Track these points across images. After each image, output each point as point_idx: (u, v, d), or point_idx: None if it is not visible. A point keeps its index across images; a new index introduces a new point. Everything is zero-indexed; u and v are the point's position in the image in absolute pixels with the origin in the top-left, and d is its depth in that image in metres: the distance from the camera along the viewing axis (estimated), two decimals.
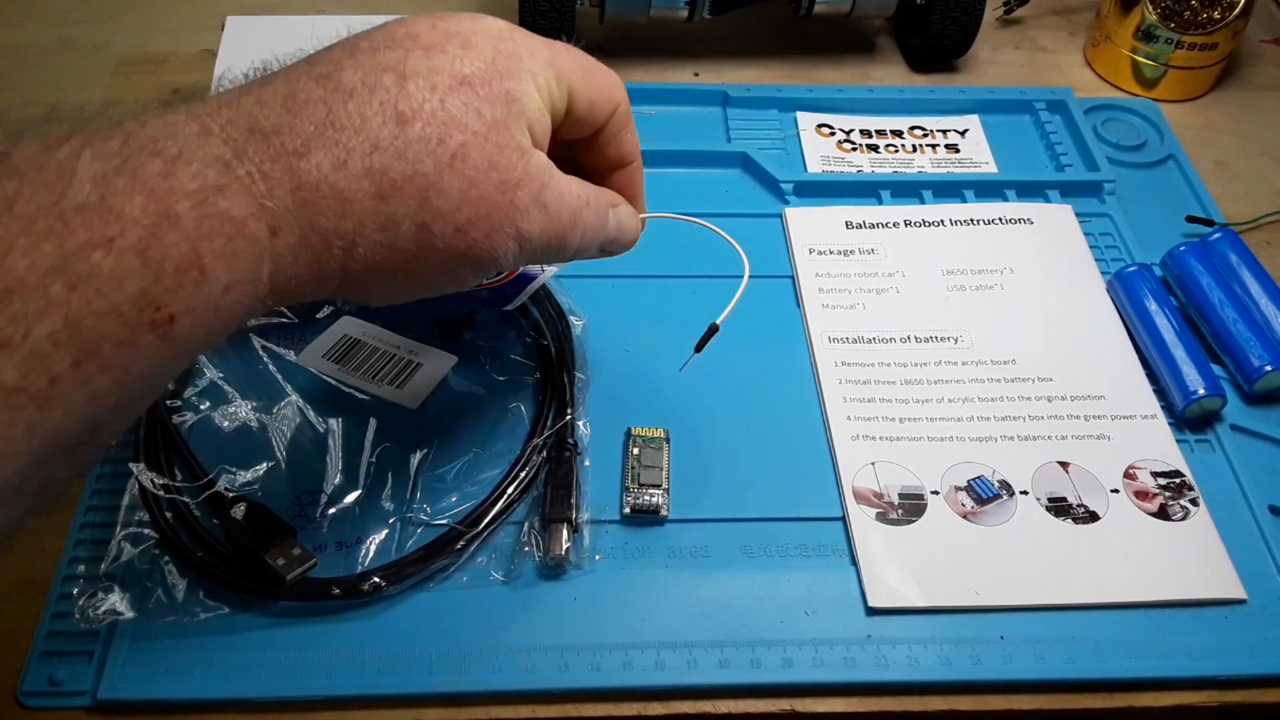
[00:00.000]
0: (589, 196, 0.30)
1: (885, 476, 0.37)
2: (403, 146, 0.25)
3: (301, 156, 0.24)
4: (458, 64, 0.26)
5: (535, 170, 0.27)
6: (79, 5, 0.58)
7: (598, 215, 0.30)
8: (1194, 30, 0.52)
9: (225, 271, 0.23)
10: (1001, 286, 0.44)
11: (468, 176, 0.26)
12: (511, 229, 0.27)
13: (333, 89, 0.25)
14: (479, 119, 0.26)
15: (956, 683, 0.33)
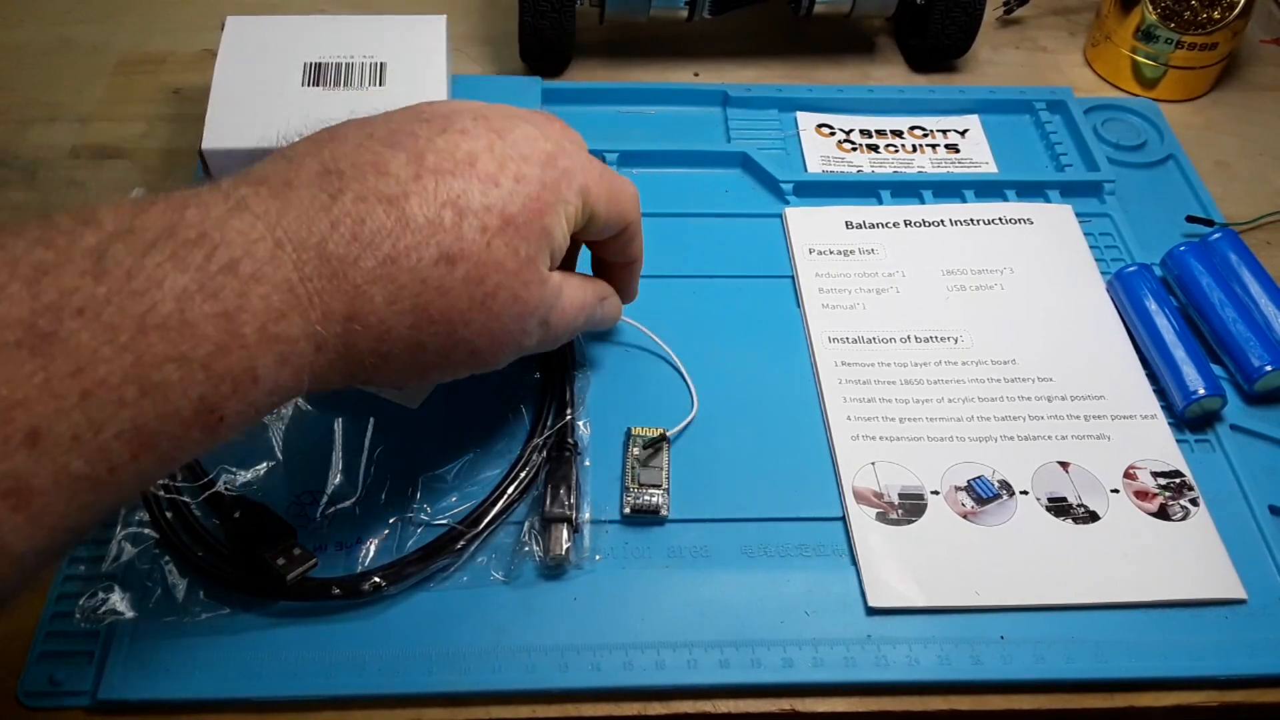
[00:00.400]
0: (586, 301, 0.34)
1: (885, 476, 0.37)
2: (448, 286, 0.28)
3: (361, 291, 0.27)
4: (508, 200, 0.29)
5: (548, 297, 0.31)
6: (79, 5, 0.58)
7: (589, 314, 0.35)
8: (1194, 30, 0.52)
9: (273, 380, 0.26)
10: (1001, 286, 0.44)
11: (494, 312, 0.29)
12: (515, 347, 0.31)
13: (399, 221, 0.27)
14: (515, 258, 0.29)
15: (956, 683, 0.33)
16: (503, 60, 0.55)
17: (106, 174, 0.48)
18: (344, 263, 0.26)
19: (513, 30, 0.52)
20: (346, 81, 0.45)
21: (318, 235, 0.26)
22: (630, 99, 0.52)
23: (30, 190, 0.47)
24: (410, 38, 0.47)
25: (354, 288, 0.26)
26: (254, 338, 0.25)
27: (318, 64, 0.46)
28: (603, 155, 0.49)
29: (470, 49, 0.56)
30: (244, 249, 0.25)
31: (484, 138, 0.29)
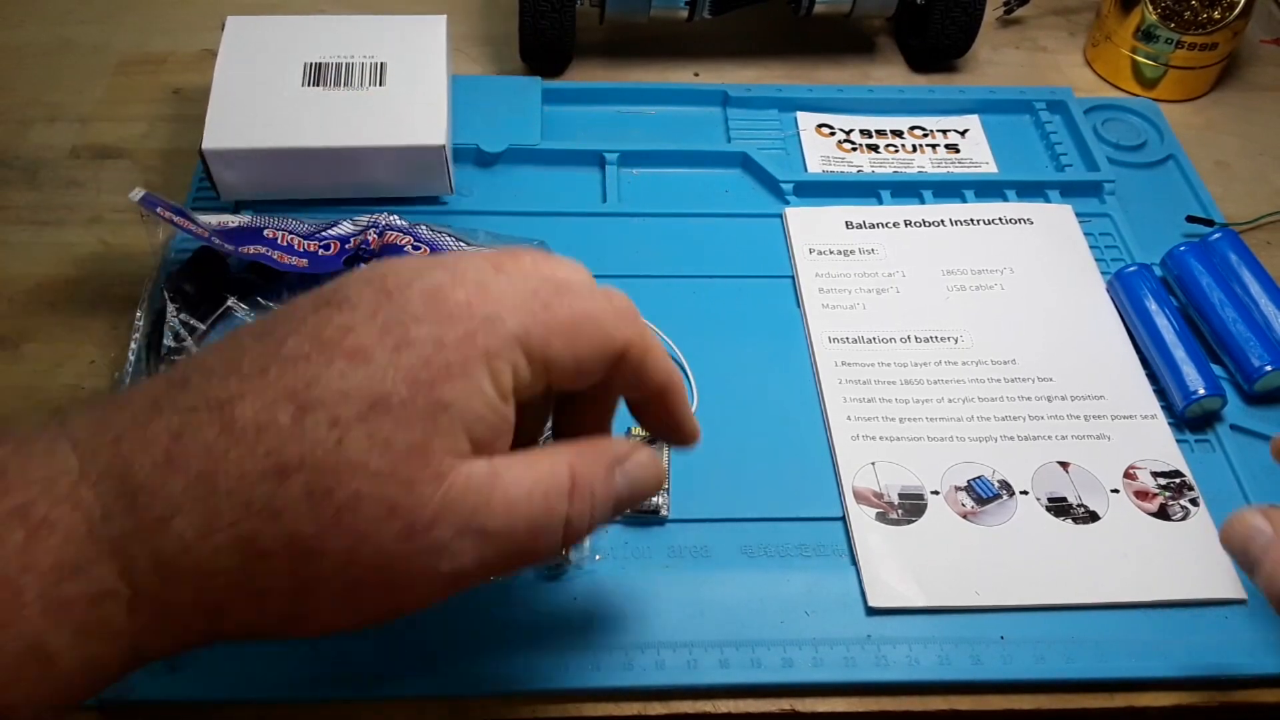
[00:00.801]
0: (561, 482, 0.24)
1: (885, 476, 0.37)
2: (280, 505, 0.21)
3: (165, 525, 0.21)
4: (378, 378, 0.22)
5: (462, 494, 0.22)
6: (79, 5, 0.58)
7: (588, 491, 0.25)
8: (1194, 30, 0.52)
9: (76, 657, 0.21)
10: (1001, 286, 0.44)
11: (357, 531, 0.21)
12: (427, 575, 0.22)
13: (223, 429, 0.21)
14: (384, 454, 0.22)
15: (956, 683, 0.33)
16: (503, 60, 0.55)
17: (107, 174, 0.48)
18: (148, 493, 0.21)
19: (513, 30, 0.52)
20: (347, 81, 0.45)
21: (125, 456, 0.21)
22: (630, 99, 0.52)
23: (31, 190, 0.47)
24: (410, 38, 0.47)
25: (156, 520, 0.21)
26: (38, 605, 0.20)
27: (318, 64, 0.46)
28: (603, 155, 0.49)
29: (470, 49, 0.56)
30: (43, 486, 0.21)
31: (368, 303, 0.23)
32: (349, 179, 0.45)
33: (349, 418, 0.22)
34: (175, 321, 0.39)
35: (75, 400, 0.39)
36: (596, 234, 0.46)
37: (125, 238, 0.45)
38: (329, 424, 0.21)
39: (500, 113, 0.50)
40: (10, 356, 0.41)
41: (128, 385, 0.24)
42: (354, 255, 0.41)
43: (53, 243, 0.45)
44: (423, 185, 0.46)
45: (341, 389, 0.22)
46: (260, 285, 0.42)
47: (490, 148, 0.48)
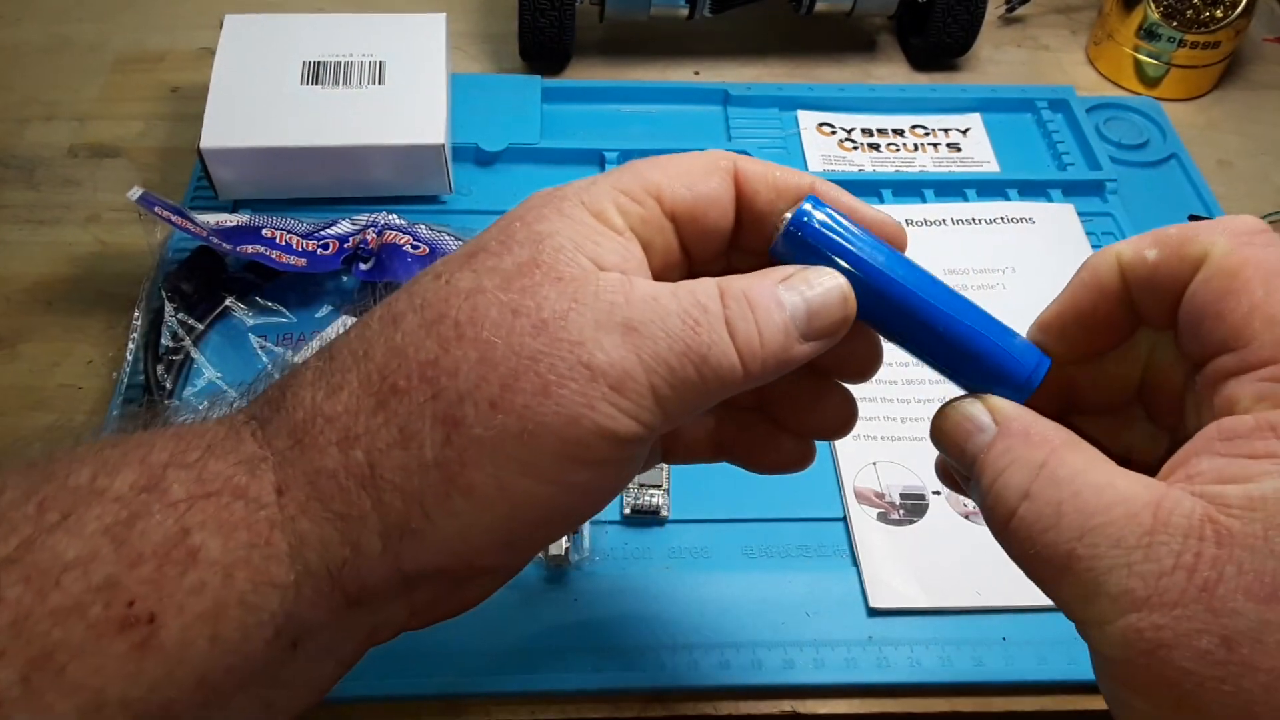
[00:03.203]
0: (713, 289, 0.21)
1: (886, 476, 0.37)
2: (399, 343, 0.21)
3: (294, 394, 0.21)
4: (473, 243, 0.22)
5: (594, 293, 0.21)
6: (77, 4, 0.58)
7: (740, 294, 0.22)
8: (1196, 29, 0.52)
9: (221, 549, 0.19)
10: (1004, 286, 0.44)
11: (483, 339, 0.20)
12: (577, 369, 0.20)
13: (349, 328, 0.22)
14: (492, 275, 0.21)
15: (958, 684, 0.33)
16: (502, 59, 0.55)
17: (104, 173, 0.48)
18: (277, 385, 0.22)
19: (513, 29, 0.52)
20: (345, 80, 0.45)
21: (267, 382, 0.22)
22: (630, 98, 0.52)
23: (28, 189, 0.47)
24: (409, 36, 0.47)
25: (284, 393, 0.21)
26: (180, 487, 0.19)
27: (316, 62, 0.45)
28: (603, 155, 0.49)
29: (470, 47, 0.56)
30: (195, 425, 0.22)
31: None
32: (348, 178, 0.45)
33: (452, 269, 0.22)
34: (173, 321, 0.39)
35: (72, 400, 0.39)
36: None
37: (123, 237, 0.45)
38: (434, 277, 0.22)
39: (500, 111, 0.50)
40: (7, 356, 0.41)
41: None
42: (353, 254, 0.41)
43: (50, 242, 0.45)
44: (422, 184, 0.46)
45: (444, 260, 0.22)
46: (258, 284, 0.42)
47: (490, 146, 0.48)
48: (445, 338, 0.20)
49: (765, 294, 0.22)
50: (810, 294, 0.22)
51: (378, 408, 0.20)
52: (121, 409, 0.37)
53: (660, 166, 0.23)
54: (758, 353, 0.21)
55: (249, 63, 0.45)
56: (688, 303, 0.21)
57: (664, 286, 0.21)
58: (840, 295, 0.22)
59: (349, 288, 0.43)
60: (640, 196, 0.23)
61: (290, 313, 0.41)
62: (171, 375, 0.38)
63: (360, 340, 0.21)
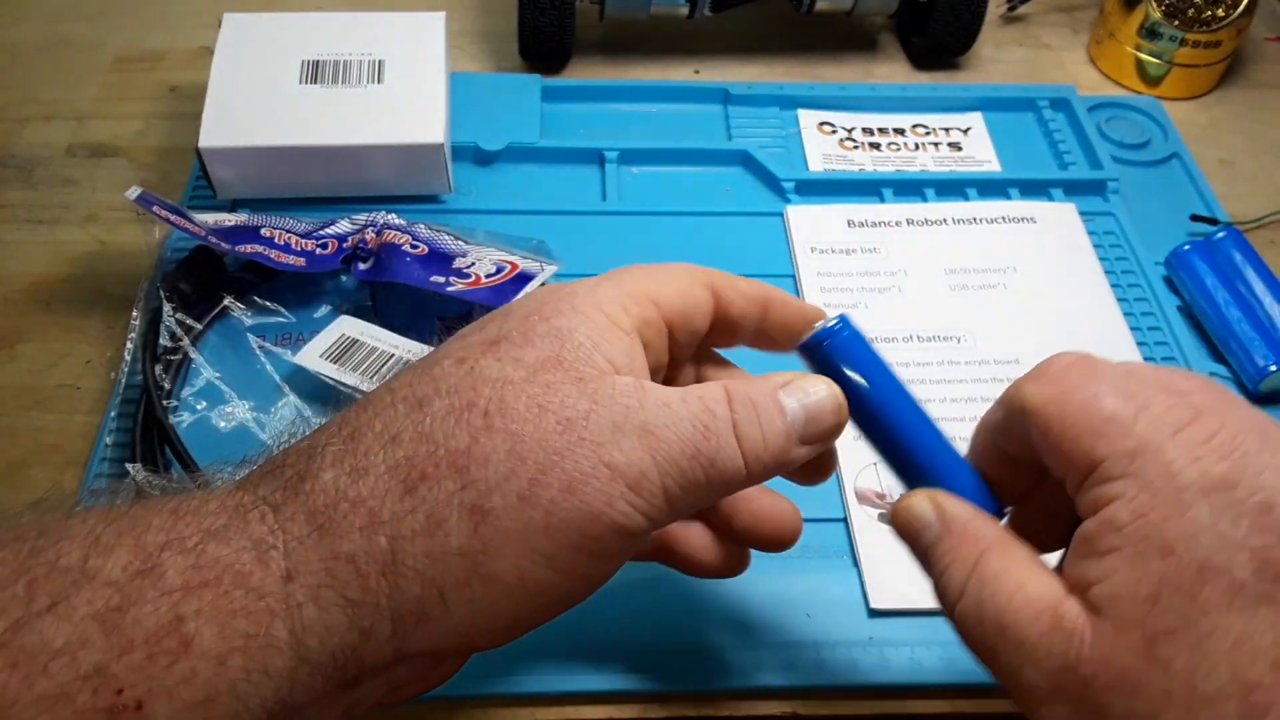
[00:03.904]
0: (721, 395, 0.23)
1: (887, 476, 0.37)
2: (426, 428, 0.21)
3: (314, 477, 0.21)
4: (491, 330, 0.23)
5: (610, 395, 0.22)
6: (75, 2, 0.57)
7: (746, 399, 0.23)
8: (1198, 28, 0.52)
9: (215, 638, 0.19)
10: (1005, 286, 0.44)
11: (512, 431, 0.21)
12: (599, 469, 0.21)
13: (359, 406, 0.23)
14: (517, 366, 0.22)
15: (959, 685, 0.32)
16: (502, 57, 0.55)
17: (103, 172, 0.48)
18: (294, 458, 0.22)
19: (512, 27, 0.52)
20: (344, 79, 0.45)
21: (281, 452, 0.22)
22: (630, 97, 0.52)
23: (27, 189, 0.47)
24: (409, 35, 0.47)
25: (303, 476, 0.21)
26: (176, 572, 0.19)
27: (315, 61, 0.45)
28: (603, 154, 0.49)
29: (469, 46, 0.56)
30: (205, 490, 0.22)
31: None
32: (347, 177, 0.45)
33: (474, 355, 0.22)
34: (171, 321, 0.39)
35: (70, 400, 0.39)
36: (596, 232, 0.45)
37: (121, 236, 0.45)
38: (456, 363, 0.22)
39: (499, 110, 0.50)
40: (5, 356, 0.40)
41: None
42: (352, 254, 0.41)
43: (48, 241, 0.45)
44: (421, 184, 0.46)
45: (461, 343, 0.23)
46: (257, 284, 0.42)
47: (489, 146, 0.48)
48: (475, 427, 0.21)
49: (769, 400, 0.23)
50: (808, 401, 0.24)
51: (406, 493, 0.21)
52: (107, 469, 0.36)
53: (653, 277, 0.25)
54: (761, 456, 0.23)
55: (248, 62, 0.45)
56: (697, 409, 0.22)
57: (674, 392, 0.23)
58: (835, 404, 0.24)
59: (348, 287, 0.43)
60: (643, 301, 0.24)
61: (289, 312, 0.41)
62: (170, 375, 0.38)
63: (384, 422, 0.22)
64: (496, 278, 0.40)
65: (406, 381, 0.23)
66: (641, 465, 0.21)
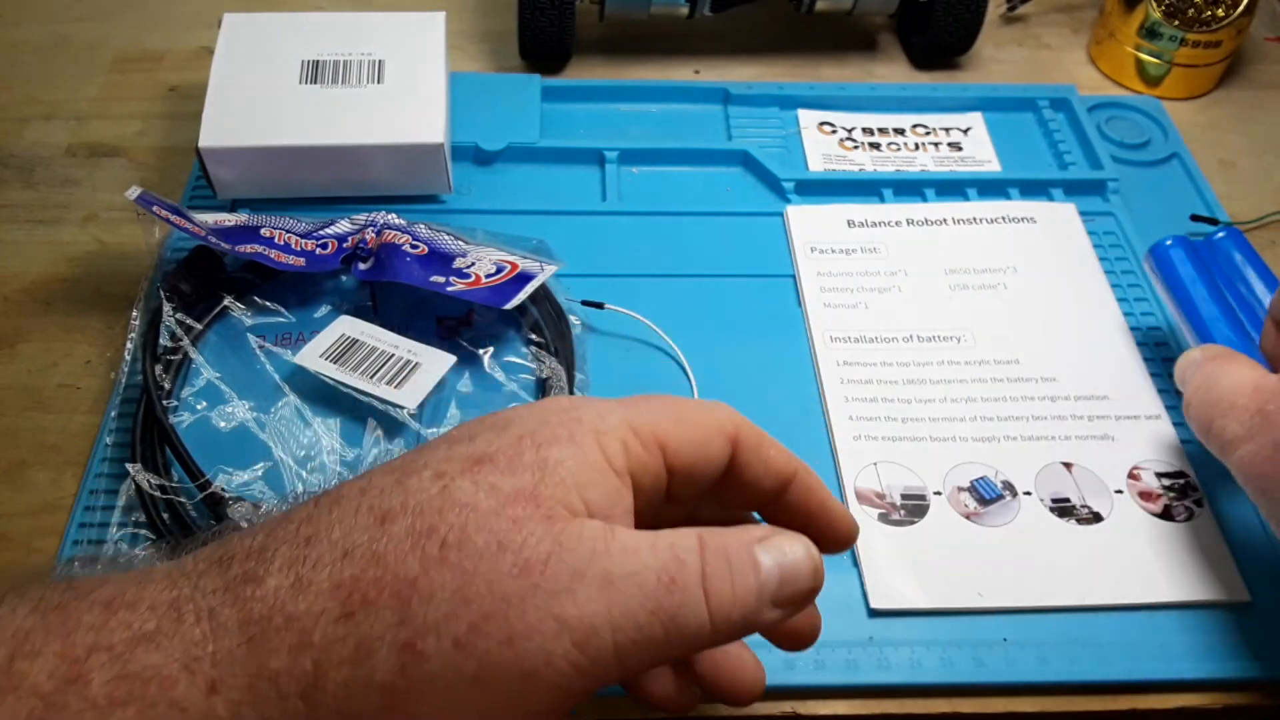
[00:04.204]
0: (694, 544, 0.22)
1: (887, 477, 0.37)
2: (380, 549, 0.20)
3: (257, 582, 0.20)
4: (482, 442, 0.22)
5: (577, 538, 0.21)
6: (76, 2, 0.57)
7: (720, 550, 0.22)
8: (1198, 28, 0.52)
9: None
10: (1005, 286, 0.44)
11: (465, 568, 0.20)
12: (547, 621, 0.20)
13: (328, 501, 0.21)
14: (490, 495, 0.21)
15: (959, 685, 0.32)
16: (502, 57, 0.55)
17: (102, 172, 0.48)
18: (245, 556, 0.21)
19: (512, 27, 0.52)
20: (344, 79, 0.45)
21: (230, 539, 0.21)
22: (631, 97, 0.52)
23: (27, 189, 0.47)
24: (409, 35, 0.47)
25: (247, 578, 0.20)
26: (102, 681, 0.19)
27: (315, 61, 0.45)
28: (603, 154, 0.49)
29: (469, 46, 0.56)
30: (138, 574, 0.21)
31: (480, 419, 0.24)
32: (347, 177, 0.45)
33: (454, 471, 0.21)
34: (171, 321, 0.39)
35: (70, 400, 0.39)
36: (596, 233, 0.45)
37: (121, 236, 0.45)
38: (434, 477, 0.21)
39: (499, 110, 0.50)
40: (5, 356, 0.40)
41: None
42: (351, 254, 0.41)
43: (48, 241, 0.45)
44: (421, 183, 0.46)
45: (446, 455, 0.22)
46: (257, 284, 0.42)
47: (489, 146, 0.48)
48: (430, 557, 0.20)
49: (744, 554, 0.22)
50: (784, 560, 0.22)
51: (343, 617, 0.20)
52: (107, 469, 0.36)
53: (673, 415, 0.24)
54: (730, 614, 0.21)
55: (248, 62, 0.45)
56: (666, 558, 0.21)
57: (645, 539, 0.21)
58: (811, 567, 0.23)
59: (348, 287, 0.43)
60: (648, 442, 0.23)
61: (289, 312, 0.41)
62: (170, 375, 0.38)
63: (344, 530, 0.21)
64: (496, 277, 0.40)
65: (381, 484, 0.21)
66: (594, 620, 0.20)
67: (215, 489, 0.34)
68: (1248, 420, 0.29)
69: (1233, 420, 0.30)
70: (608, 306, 0.41)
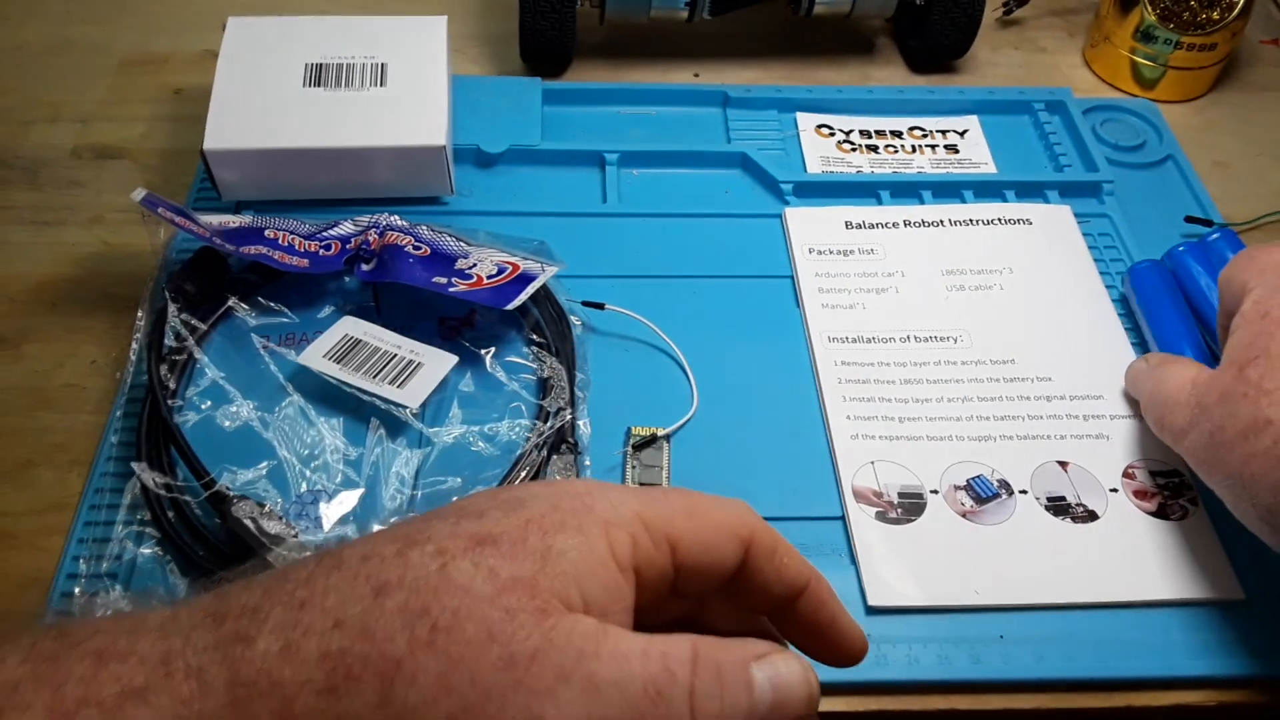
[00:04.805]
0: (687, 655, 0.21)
1: (885, 476, 0.37)
2: (372, 623, 0.20)
3: (248, 642, 0.20)
4: (489, 524, 0.22)
5: (567, 636, 0.20)
6: (81, 6, 0.58)
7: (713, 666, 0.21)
8: (1193, 31, 0.52)
9: None
10: (1001, 286, 0.44)
11: (451, 654, 0.20)
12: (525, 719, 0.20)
13: (329, 563, 0.21)
14: (488, 580, 0.21)
15: (956, 682, 0.33)
16: (503, 61, 0.55)
17: (108, 174, 0.48)
18: (238, 615, 0.21)
19: (513, 31, 0.52)
20: (347, 82, 0.45)
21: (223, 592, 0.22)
22: (630, 99, 0.52)
23: (32, 190, 0.48)
24: (411, 38, 0.47)
25: (238, 637, 0.20)
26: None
27: (319, 65, 0.46)
28: (603, 156, 0.49)
29: (470, 49, 0.56)
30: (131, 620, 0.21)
31: (489, 491, 0.24)
32: (350, 179, 0.45)
33: (456, 549, 0.21)
34: (176, 321, 0.39)
35: (75, 400, 0.39)
36: (596, 234, 0.46)
37: (126, 238, 0.45)
38: (435, 554, 0.21)
39: (500, 113, 0.50)
40: (11, 356, 0.41)
41: None
42: (354, 255, 0.42)
43: (53, 242, 0.45)
44: (423, 185, 0.46)
45: (451, 530, 0.22)
46: (261, 285, 0.42)
47: (490, 148, 0.48)
48: (418, 639, 0.20)
49: (738, 672, 0.21)
50: (779, 681, 0.22)
51: (326, 690, 0.20)
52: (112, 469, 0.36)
53: (688, 512, 0.24)
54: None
55: (252, 65, 0.46)
56: (655, 669, 0.21)
57: (637, 643, 0.21)
58: (807, 692, 0.23)
59: (351, 288, 0.43)
60: (659, 539, 0.23)
61: (292, 313, 0.42)
62: (174, 375, 0.38)
63: (339, 598, 0.21)
64: (498, 279, 0.40)
65: (383, 553, 0.21)
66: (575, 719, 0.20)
67: (220, 488, 0.35)
68: (1188, 413, 0.33)
69: (1178, 415, 0.33)
70: (608, 307, 0.42)
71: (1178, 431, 0.34)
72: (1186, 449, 0.33)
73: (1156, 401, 0.35)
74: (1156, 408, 0.35)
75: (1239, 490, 0.31)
